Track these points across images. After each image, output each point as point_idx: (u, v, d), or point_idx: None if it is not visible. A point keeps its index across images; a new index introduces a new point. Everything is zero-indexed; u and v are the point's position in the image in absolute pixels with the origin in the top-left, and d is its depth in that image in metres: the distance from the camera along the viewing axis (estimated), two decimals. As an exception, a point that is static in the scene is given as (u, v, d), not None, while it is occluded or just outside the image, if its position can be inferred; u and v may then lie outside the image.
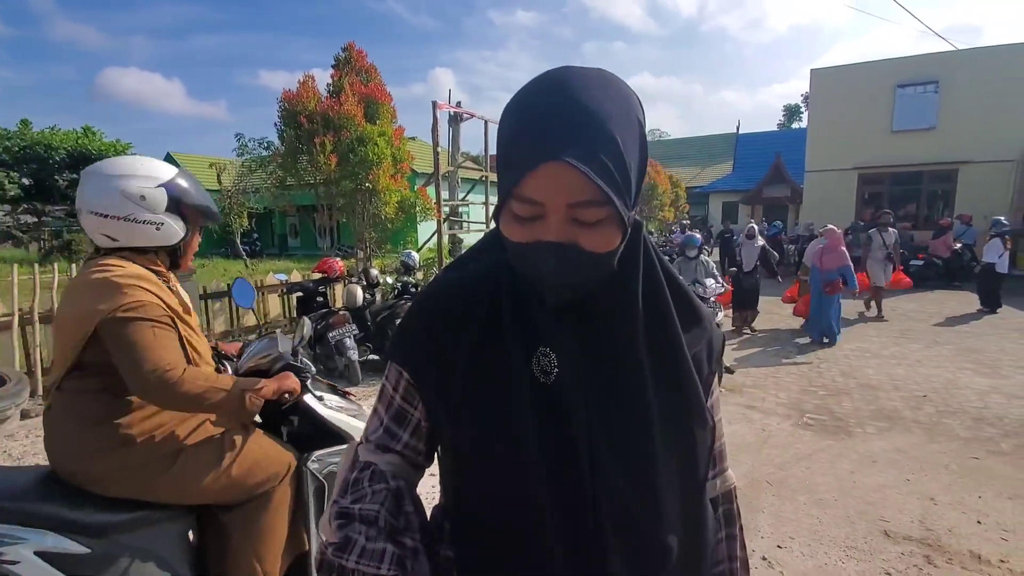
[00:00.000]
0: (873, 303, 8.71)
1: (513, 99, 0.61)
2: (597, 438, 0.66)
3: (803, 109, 43.27)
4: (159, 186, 1.54)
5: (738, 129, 31.01)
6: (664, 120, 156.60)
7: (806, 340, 7.13)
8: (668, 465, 0.68)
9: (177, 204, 1.57)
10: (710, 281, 6.13)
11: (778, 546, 2.73)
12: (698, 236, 7.01)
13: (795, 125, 42.95)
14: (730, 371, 5.60)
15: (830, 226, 7.60)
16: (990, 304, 8.69)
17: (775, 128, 41.16)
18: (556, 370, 0.67)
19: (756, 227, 7.97)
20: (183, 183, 1.59)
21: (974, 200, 14.42)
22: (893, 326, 8.02)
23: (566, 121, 0.56)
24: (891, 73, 15.56)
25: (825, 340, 6.97)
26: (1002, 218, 9.11)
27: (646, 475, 0.67)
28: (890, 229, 8.43)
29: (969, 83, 14.61)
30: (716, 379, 0.78)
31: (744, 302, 7.66)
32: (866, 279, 8.25)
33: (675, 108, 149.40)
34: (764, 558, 2.63)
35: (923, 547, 2.70)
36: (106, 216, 1.48)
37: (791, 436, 4.12)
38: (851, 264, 6.79)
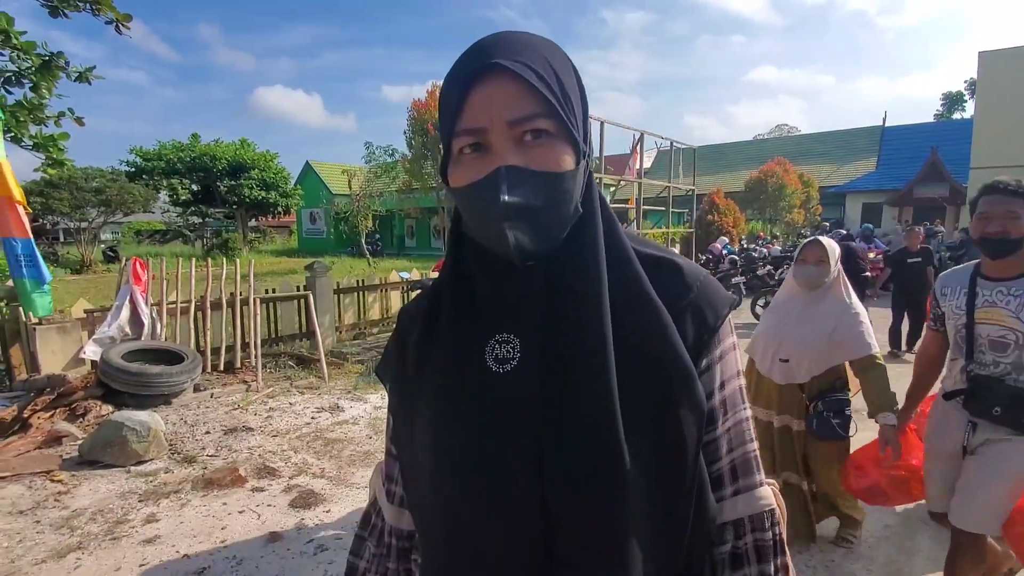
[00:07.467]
0: None
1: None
2: (546, 436, 0.55)
3: (967, 97, 37.86)
4: None
5: (884, 122, 27.85)
6: (790, 115, 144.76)
7: None
8: (638, 465, 0.54)
9: None
10: None
11: (934, 590, 2.41)
12: None
13: (956, 115, 37.68)
14: None
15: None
16: None
17: (931, 120, 36.33)
18: (517, 356, 0.57)
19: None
20: None
21: None
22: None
23: (494, 44, 0.56)
24: (1085, 50, 13.21)
25: None
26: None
27: (608, 481, 0.54)
28: None
29: None
30: (726, 361, 0.62)
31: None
32: None
33: (801, 102, 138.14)
34: (916, 602, 2.34)
35: None
36: None
37: (948, 467, 3.62)
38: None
